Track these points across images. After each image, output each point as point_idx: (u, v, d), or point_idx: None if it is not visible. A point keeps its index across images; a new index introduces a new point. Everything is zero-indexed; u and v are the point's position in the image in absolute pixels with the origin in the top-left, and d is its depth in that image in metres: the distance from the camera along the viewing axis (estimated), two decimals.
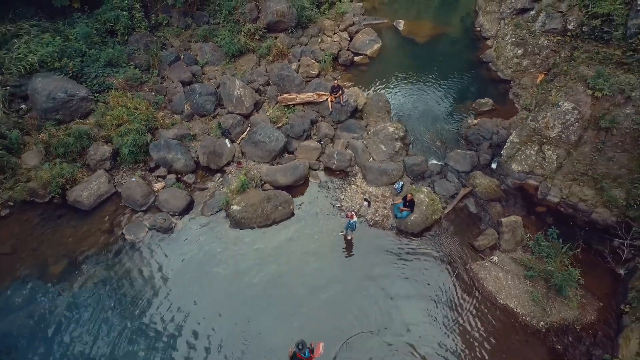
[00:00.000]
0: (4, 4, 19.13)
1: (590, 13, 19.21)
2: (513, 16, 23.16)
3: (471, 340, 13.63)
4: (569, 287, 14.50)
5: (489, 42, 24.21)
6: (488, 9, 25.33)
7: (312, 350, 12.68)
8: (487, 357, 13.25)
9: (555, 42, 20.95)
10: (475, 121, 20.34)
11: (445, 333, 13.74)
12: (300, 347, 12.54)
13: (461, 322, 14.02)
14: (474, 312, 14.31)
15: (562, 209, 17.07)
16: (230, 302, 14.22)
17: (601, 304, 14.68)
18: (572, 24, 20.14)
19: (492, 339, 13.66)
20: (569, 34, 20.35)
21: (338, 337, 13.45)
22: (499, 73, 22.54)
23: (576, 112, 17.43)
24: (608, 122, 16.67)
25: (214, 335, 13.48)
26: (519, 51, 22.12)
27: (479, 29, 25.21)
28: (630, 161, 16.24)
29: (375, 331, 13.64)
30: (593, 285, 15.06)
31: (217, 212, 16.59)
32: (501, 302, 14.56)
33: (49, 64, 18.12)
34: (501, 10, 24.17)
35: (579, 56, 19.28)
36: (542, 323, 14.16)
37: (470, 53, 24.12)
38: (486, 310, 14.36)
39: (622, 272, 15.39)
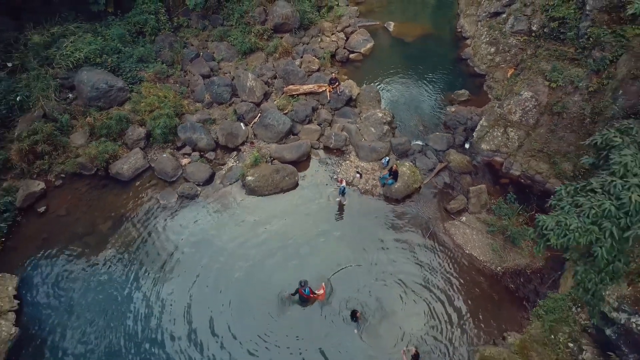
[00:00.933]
0: (51, 9, 22.49)
1: (549, 16, 22.56)
2: (488, 19, 26.56)
3: (444, 278, 17.04)
4: (523, 240, 17.88)
5: (468, 42, 27.57)
6: (468, 12, 28.71)
7: (312, 290, 16.07)
8: (455, 291, 16.66)
9: (522, 41, 24.31)
10: (453, 109, 23.71)
11: (423, 271, 17.15)
12: (302, 284, 15.97)
13: (436, 265, 17.42)
14: (446, 258, 17.69)
15: (522, 180, 20.44)
16: (245, 248, 17.64)
17: (549, 254, 18.03)
18: (535, 25, 23.51)
19: (460, 279, 17.05)
20: (533, 34, 23.72)
21: (332, 269, 16.90)
22: (475, 68, 25.90)
23: (534, 99, 20.83)
24: (560, 108, 20.05)
25: (234, 271, 16.93)
26: (492, 49, 25.50)
27: (459, 30, 28.58)
28: (577, 140, 19.59)
29: (366, 265, 17.07)
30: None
31: (234, 182, 19.98)
32: (467, 251, 17.94)
33: (92, 59, 21.52)
34: (478, 13, 27.56)
35: (540, 53, 22.64)
36: (499, 268, 17.54)
37: (452, 51, 27.48)
38: (456, 257, 17.74)
39: None
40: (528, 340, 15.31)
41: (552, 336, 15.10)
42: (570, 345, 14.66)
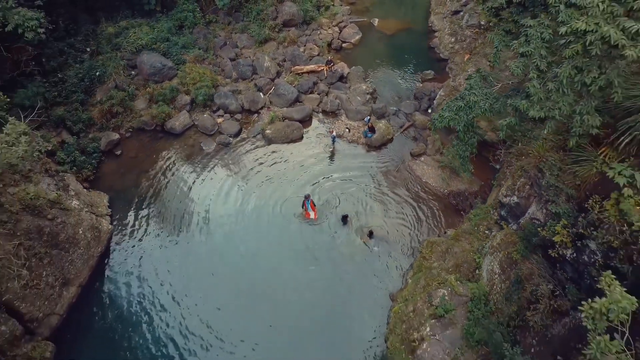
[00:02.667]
0: (115, 8, 29.79)
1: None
2: (450, 16, 33.90)
3: (407, 197, 24.37)
4: (463, 172, 25.17)
5: (436, 34, 34.90)
6: (437, 10, 36.07)
7: (312, 205, 23.28)
8: (414, 205, 24.00)
9: (475, 33, 31.63)
10: (421, 85, 31.01)
11: (394, 192, 24.46)
12: (306, 196, 23.21)
13: (402, 189, 24.74)
14: (409, 185, 25.00)
15: None
16: (265, 172, 24.97)
17: (482, 182, 25.32)
18: (483, 20, 30.83)
19: (418, 197, 24.39)
20: (482, 27, 31.04)
21: (315, 182, 24.25)
22: (440, 54, 33.20)
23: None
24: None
25: (255, 187, 24.26)
26: (453, 39, 32.83)
27: (430, 25, 35.90)
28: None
29: (353, 185, 24.41)
30: (479, 173, 25.66)
31: (256, 135, 27.27)
32: (424, 180, 25.25)
33: (149, 45, 28.82)
34: (444, 11, 34.92)
35: (487, 42, 29.96)
36: (446, 190, 24.86)
37: (423, 41, 34.81)
38: (416, 184, 25.05)
39: (497, 166, 26.03)
40: (460, 232, 22.58)
41: (476, 228, 22.37)
42: (487, 232, 21.93)
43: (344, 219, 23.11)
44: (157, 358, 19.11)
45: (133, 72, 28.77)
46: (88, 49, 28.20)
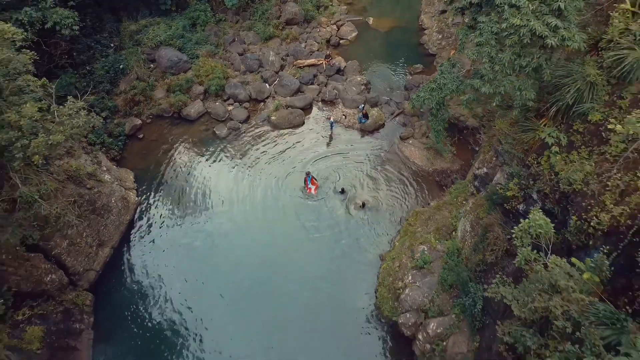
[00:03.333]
0: (137, 9, 33.15)
1: None
2: (438, 15, 37.23)
3: (396, 174, 27.72)
4: (445, 153, 28.48)
5: (425, 32, 38.21)
6: (426, 10, 39.41)
7: (313, 181, 26.65)
8: (403, 181, 27.35)
9: (460, 30, 34.90)
10: (411, 77, 34.34)
11: (385, 170, 27.81)
12: (307, 173, 26.55)
13: (392, 167, 28.07)
14: (399, 164, 28.32)
15: (452, 120, 31.00)
16: (271, 152, 28.31)
17: (463, 162, 28.64)
18: (466, 19, 34.11)
19: (406, 175, 27.74)
20: (466, 25, 34.28)
21: (315, 161, 27.58)
22: (428, 50, 36.52)
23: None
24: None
25: (263, 160, 27.62)
26: (440, 36, 36.16)
27: (420, 23, 39.22)
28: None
29: (350, 164, 27.77)
30: (461, 154, 28.95)
31: (263, 121, 30.60)
32: (411, 160, 28.57)
33: (166, 41, 32.17)
34: (432, 11, 38.25)
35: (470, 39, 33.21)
36: (430, 169, 28.19)
37: (414, 38, 38.14)
38: (404, 163, 28.37)
39: (477, 148, 29.37)
40: (442, 203, 25.91)
41: (455, 199, 25.70)
42: (464, 202, 25.25)
43: (342, 191, 26.48)
44: (177, 306, 22.47)
45: (152, 65, 32.11)
46: (112, 45, 31.53)
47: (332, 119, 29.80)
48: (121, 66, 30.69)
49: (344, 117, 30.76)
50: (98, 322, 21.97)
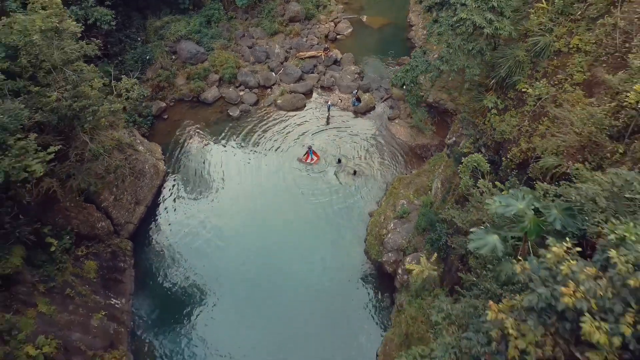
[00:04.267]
0: (160, 8, 38.10)
1: None
2: (424, 13, 42.07)
3: (384, 148, 32.67)
4: (426, 130, 33.34)
5: (412, 28, 43.09)
6: (414, 9, 44.30)
7: (315, 154, 31.57)
8: (390, 153, 32.29)
9: (427, 24, 39.77)
10: (399, 67, 39.18)
11: (376, 143, 32.74)
12: (309, 147, 31.49)
13: (381, 141, 33.02)
14: (387, 139, 33.26)
15: (432, 103, 35.89)
16: (276, 132, 33.26)
17: (441, 139, 33.50)
18: (432, 15, 38.96)
19: (393, 148, 32.69)
20: (432, 20, 39.16)
21: (315, 137, 32.52)
22: (415, 44, 41.35)
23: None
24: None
25: (270, 133, 32.57)
26: (425, 32, 40.96)
27: (408, 20, 44.11)
28: (461, 80, 35.05)
29: (346, 138, 32.70)
30: (440, 132, 33.75)
31: (270, 104, 35.52)
32: (397, 137, 33.49)
33: (186, 36, 37.10)
34: (419, 9, 43.12)
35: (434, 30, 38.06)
36: (413, 143, 33.10)
37: (402, 34, 43.03)
38: (391, 139, 33.31)
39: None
40: (421, 171, 30.80)
41: (433, 167, 30.58)
42: (440, 170, 30.13)
43: (339, 161, 31.40)
44: (199, 253, 27.39)
45: (174, 56, 37.03)
46: (139, 39, 36.44)
47: (329, 102, 34.73)
48: (147, 57, 35.60)
49: (339, 101, 35.69)
50: (137, 263, 26.91)
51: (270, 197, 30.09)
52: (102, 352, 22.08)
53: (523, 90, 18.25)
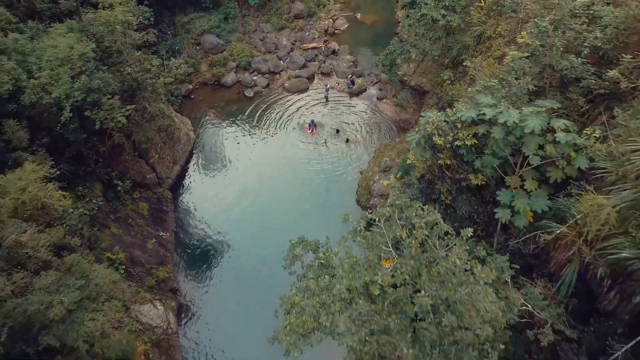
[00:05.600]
0: (185, 7, 45.28)
1: None
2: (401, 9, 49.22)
3: (373, 121, 39.87)
4: (408, 108, 40.46)
5: (400, 23, 50.17)
6: (399, 5, 51.40)
7: (316, 126, 38.77)
8: (377, 126, 39.49)
9: (403, 18, 46.88)
10: None
11: (367, 118, 39.92)
12: (312, 120, 38.71)
13: (370, 116, 40.21)
14: (375, 115, 40.44)
15: (414, 86, 42.97)
16: (284, 108, 40.44)
17: (420, 115, 40.61)
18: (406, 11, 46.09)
19: (380, 122, 39.89)
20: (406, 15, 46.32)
21: (315, 112, 39.74)
22: (402, 38, 48.48)
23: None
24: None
25: (276, 109, 39.79)
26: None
27: (397, 17, 51.24)
28: (437, 66, 42.17)
29: (342, 114, 39.92)
30: (419, 109, 40.96)
31: (279, 87, 42.70)
32: (384, 113, 40.65)
33: (207, 30, 44.26)
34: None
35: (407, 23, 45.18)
36: (397, 118, 40.26)
37: (391, 29, 50.12)
38: (379, 114, 40.50)
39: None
40: (403, 140, 37.86)
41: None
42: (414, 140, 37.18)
43: (337, 132, 38.54)
44: (223, 204, 34.50)
45: (198, 47, 44.20)
46: (169, 32, 43.60)
47: (327, 86, 41.84)
48: (177, 47, 42.76)
49: (337, 84, 42.85)
50: (176, 208, 34.09)
51: (277, 162, 37.11)
52: (156, 267, 29.20)
53: (466, 65, 25.43)
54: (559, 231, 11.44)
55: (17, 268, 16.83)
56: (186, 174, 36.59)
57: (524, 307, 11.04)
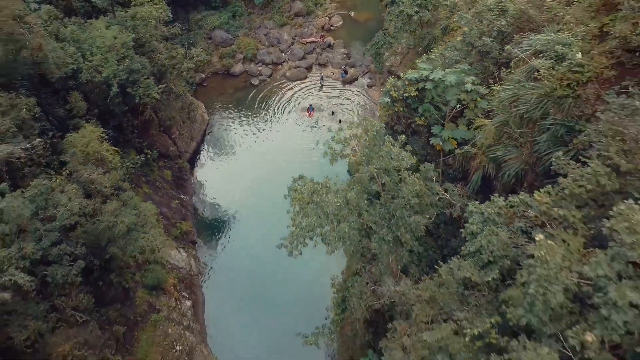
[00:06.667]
0: (198, 6, 51.11)
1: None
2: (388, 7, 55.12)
3: (363, 104, 45.76)
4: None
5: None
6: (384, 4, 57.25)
7: (313, 109, 44.65)
8: (366, 107, 45.38)
9: (385, 15, 52.74)
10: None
11: (358, 101, 45.81)
12: (310, 104, 44.59)
13: (362, 99, 46.10)
14: (365, 99, 46.31)
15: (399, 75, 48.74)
16: (285, 92, 46.33)
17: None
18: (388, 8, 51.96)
19: (368, 105, 45.78)
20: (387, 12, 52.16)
21: (313, 97, 45.63)
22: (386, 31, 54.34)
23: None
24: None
25: (276, 98, 45.70)
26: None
27: (383, 16, 57.01)
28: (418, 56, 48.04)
29: (336, 97, 45.85)
30: None
31: (281, 76, 48.53)
32: (373, 98, 46.45)
33: (217, 26, 50.09)
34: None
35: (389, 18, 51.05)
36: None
37: (381, 25, 55.84)
38: (368, 100, 46.36)
39: None
40: None
41: None
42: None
43: (333, 113, 44.38)
44: (234, 175, 40.33)
45: (210, 41, 50.04)
46: (184, 28, 49.40)
47: (322, 74, 47.67)
48: (191, 41, 48.58)
49: (332, 73, 48.72)
50: (194, 175, 39.93)
51: (278, 139, 42.98)
52: (179, 221, 35.02)
53: (434, 52, 31.23)
54: (469, 150, 17.56)
55: (88, 199, 22.67)
56: (201, 150, 42.45)
57: (445, 197, 16.91)
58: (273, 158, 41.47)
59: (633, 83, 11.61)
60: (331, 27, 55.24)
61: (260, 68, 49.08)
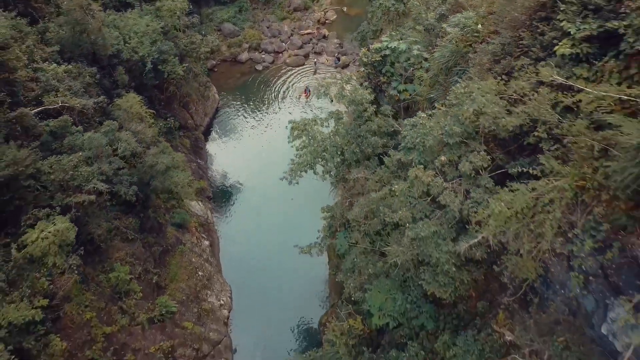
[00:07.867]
0: (208, 2, 58.12)
1: None
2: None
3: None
4: None
5: None
6: None
7: (309, 91, 51.67)
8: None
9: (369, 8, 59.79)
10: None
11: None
12: (306, 86, 51.63)
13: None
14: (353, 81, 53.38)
15: None
16: (285, 76, 53.36)
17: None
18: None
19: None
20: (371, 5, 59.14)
21: (309, 80, 52.72)
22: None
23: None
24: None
25: (277, 81, 52.75)
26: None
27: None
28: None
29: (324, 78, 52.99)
30: None
31: (282, 63, 55.54)
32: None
33: (226, 19, 57.12)
34: None
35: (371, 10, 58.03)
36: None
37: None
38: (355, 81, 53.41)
39: None
40: None
41: None
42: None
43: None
44: (241, 148, 47.32)
45: (219, 32, 57.06)
46: (198, 21, 56.40)
47: (316, 61, 54.70)
48: (203, 32, 55.49)
49: (326, 60, 55.78)
50: (208, 144, 47.00)
51: (279, 116, 49.96)
52: (197, 179, 41.98)
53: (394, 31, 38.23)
54: (415, 97, 24.97)
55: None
56: (213, 124, 49.46)
57: (397, 127, 24.00)
58: (274, 132, 48.44)
59: None
60: (326, 21, 62.26)
61: (263, 56, 56.10)
